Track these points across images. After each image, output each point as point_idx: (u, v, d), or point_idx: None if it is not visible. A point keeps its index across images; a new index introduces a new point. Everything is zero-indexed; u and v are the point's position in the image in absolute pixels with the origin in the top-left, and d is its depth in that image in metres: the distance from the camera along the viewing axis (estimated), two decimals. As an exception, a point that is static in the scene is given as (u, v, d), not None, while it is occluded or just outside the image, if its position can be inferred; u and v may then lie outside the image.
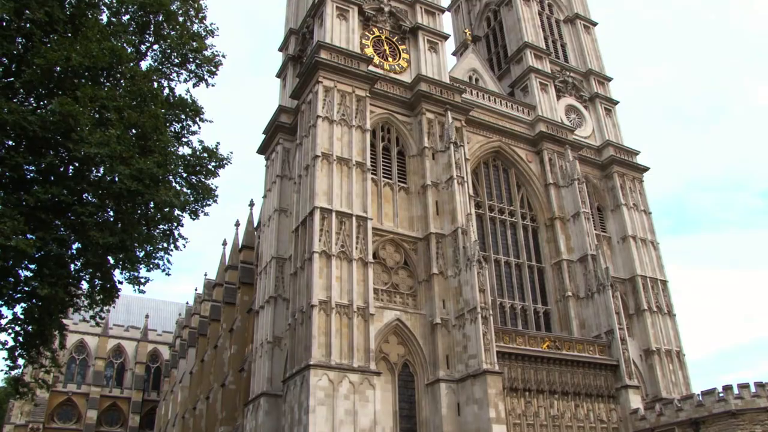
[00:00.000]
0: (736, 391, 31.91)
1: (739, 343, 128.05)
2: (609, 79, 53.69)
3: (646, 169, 49.41)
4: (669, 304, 44.46)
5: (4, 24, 14.46)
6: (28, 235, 13.87)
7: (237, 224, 56.15)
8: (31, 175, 14.86)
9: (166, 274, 17.85)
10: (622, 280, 44.02)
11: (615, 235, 46.35)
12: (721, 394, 32.18)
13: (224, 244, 62.11)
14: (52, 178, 14.87)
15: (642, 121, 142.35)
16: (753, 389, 32.01)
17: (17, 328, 15.57)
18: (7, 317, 15.55)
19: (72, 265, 15.75)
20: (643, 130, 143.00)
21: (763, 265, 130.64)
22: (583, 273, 40.78)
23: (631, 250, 44.96)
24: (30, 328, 15.63)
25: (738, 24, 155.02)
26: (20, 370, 17.75)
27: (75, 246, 15.50)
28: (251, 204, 53.07)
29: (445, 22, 46.95)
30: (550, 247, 42.48)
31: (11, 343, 15.65)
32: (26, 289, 15.01)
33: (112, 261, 16.25)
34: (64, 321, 17.11)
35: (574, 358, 36.58)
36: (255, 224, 50.84)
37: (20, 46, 15.13)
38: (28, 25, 14.89)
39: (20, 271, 14.87)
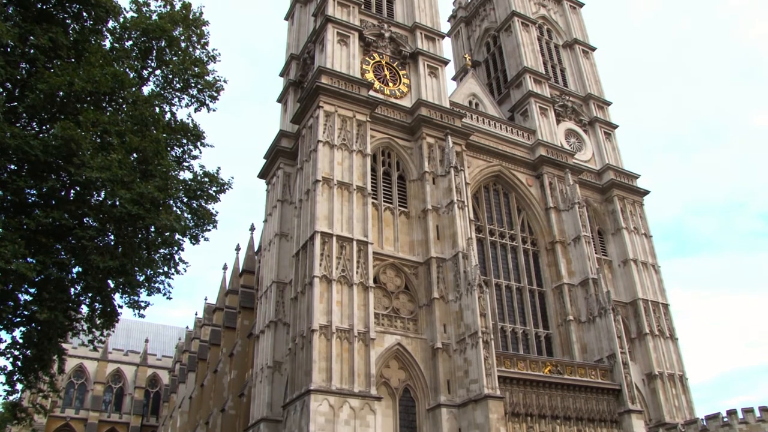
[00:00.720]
0: (740, 415, 31.69)
1: (740, 367, 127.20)
2: (608, 104, 53.97)
3: (646, 192, 49.47)
4: (671, 327, 44.25)
5: (9, 50, 14.60)
6: (29, 259, 13.89)
7: (237, 248, 56.17)
8: (33, 198, 14.91)
9: (167, 298, 17.87)
10: (623, 303, 43.89)
11: (616, 258, 46.29)
12: (725, 419, 31.95)
13: (225, 268, 62.11)
14: (54, 202, 14.92)
15: (640, 145, 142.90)
16: (758, 414, 31.77)
17: (16, 353, 15.52)
18: (6, 342, 15.50)
19: (72, 289, 15.75)
20: (642, 153, 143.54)
21: (764, 288, 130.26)
22: (585, 297, 40.65)
23: (633, 273, 44.86)
24: (29, 352, 15.58)
25: (736, 49, 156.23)
26: (18, 395, 17.67)
27: (75, 270, 15.51)
28: (252, 228, 53.14)
29: (445, 48, 47.38)
30: (551, 271, 42.40)
31: (10, 367, 15.59)
32: (26, 313, 14.99)
33: (112, 285, 16.25)
34: (63, 345, 17.08)
35: (576, 382, 36.32)
36: (255, 248, 50.83)
37: (24, 72, 15.28)
38: (32, 51, 15.05)
39: (20, 295, 14.87)
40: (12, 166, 14.47)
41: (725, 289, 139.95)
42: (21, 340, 15.47)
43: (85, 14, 16.64)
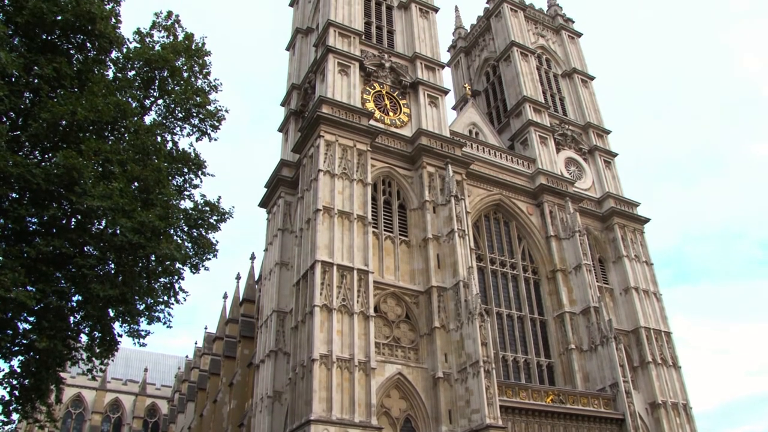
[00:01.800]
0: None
1: (743, 396, 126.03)
2: (607, 132, 54.26)
3: (646, 220, 49.49)
4: (674, 356, 43.94)
5: (13, 79, 14.77)
6: (29, 287, 13.88)
7: (238, 277, 56.06)
8: (34, 227, 14.95)
9: (167, 326, 17.83)
10: (625, 332, 43.64)
11: (617, 286, 46.14)
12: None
13: (225, 297, 61.95)
14: (54, 230, 14.97)
15: (638, 174, 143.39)
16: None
17: (13, 382, 15.42)
18: (3, 371, 15.42)
19: (72, 318, 15.73)
20: (640, 182, 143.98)
21: (764, 316, 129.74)
22: (586, 325, 40.45)
23: (634, 301, 44.67)
24: (26, 381, 15.49)
25: (734, 79, 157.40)
26: (14, 426, 17.52)
27: (75, 298, 15.49)
28: (252, 257, 53.11)
29: (445, 77, 47.76)
30: (552, 300, 42.26)
31: (6, 397, 15.49)
32: (24, 341, 14.95)
33: (112, 313, 16.22)
34: (62, 374, 16.96)
35: (578, 412, 35.98)
36: (256, 277, 50.72)
37: (28, 101, 15.43)
38: (36, 81, 15.22)
39: (19, 324, 14.83)
40: (13, 195, 14.55)
41: (725, 316, 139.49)
42: (19, 369, 15.38)
43: (89, 45, 16.86)
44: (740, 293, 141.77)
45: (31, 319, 14.96)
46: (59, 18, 15.75)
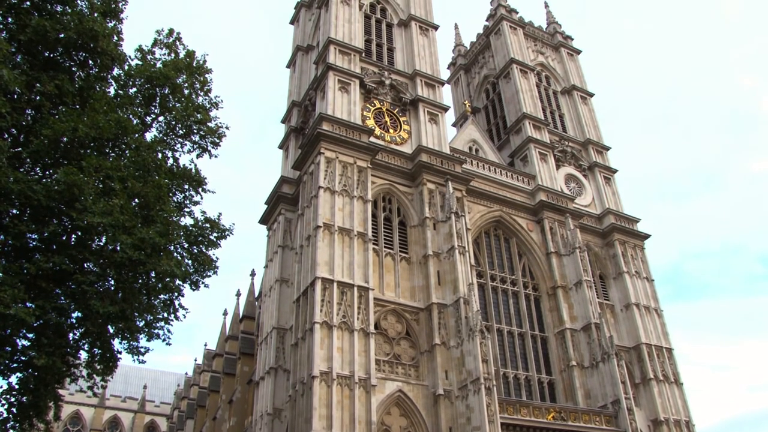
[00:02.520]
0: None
1: (744, 412, 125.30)
2: (607, 149, 54.38)
3: (647, 236, 49.46)
4: (675, 372, 43.71)
5: (16, 96, 14.85)
6: (28, 304, 13.86)
7: (238, 294, 55.97)
8: (34, 243, 14.96)
9: (167, 343, 17.77)
10: (626, 348, 43.45)
11: (618, 302, 46.01)
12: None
13: (225, 314, 61.79)
14: (54, 246, 14.97)
15: (635, 190, 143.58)
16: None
17: (11, 399, 15.35)
18: (1, 388, 15.36)
19: (71, 335, 15.69)
20: (638, 198, 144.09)
21: (765, 332, 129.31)
22: (587, 342, 40.28)
23: (635, 317, 44.51)
24: (24, 399, 15.41)
25: (732, 96, 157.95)
26: (12, 443, 17.41)
27: (75, 315, 15.46)
28: (252, 274, 53.03)
29: (445, 94, 47.95)
30: (552, 316, 42.12)
31: (4, 414, 15.41)
32: (23, 358, 14.89)
33: (111, 330, 16.19)
34: (60, 391, 16.88)
35: (580, 429, 35.74)
36: (256, 294, 50.62)
37: (29, 118, 15.50)
38: (38, 98, 15.31)
39: (18, 340, 14.78)
40: (14, 211, 14.57)
41: (726, 332, 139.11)
42: (17, 387, 15.32)
43: (91, 62, 16.99)
44: (741, 309, 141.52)
45: (30, 335, 14.92)
46: (62, 36, 15.87)
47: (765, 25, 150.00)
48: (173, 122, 18.34)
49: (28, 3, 16.09)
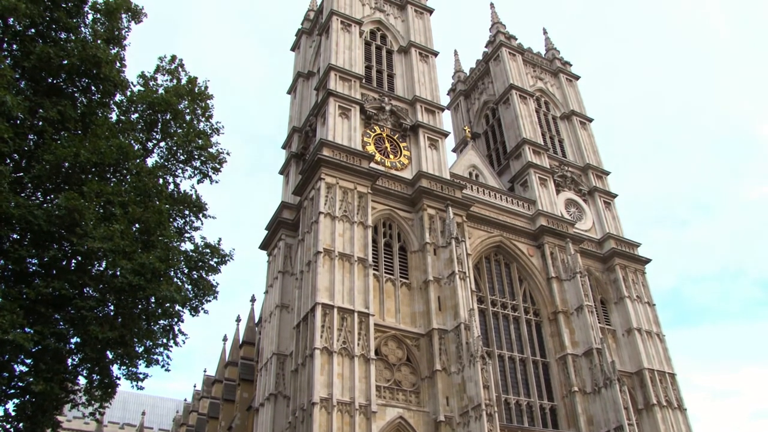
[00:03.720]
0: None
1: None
2: (607, 173, 54.51)
3: (647, 261, 49.37)
4: (679, 398, 43.31)
5: (18, 122, 14.95)
6: (27, 329, 13.82)
7: (238, 320, 55.72)
8: (34, 268, 14.95)
9: (166, 369, 17.69)
10: (629, 373, 43.11)
11: (620, 327, 45.78)
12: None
13: (224, 339, 61.41)
14: (54, 271, 14.96)
15: (633, 215, 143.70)
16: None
17: (8, 426, 15.22)
18: (-2, 414, 15.25)
19: (69, 360, 15.60)
20: (635, 223, 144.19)
21: (766, 357, 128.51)
22: (589, 367, 39.99)
23: (637, 342, 44.24)
24: (22, 425, 15.28)
25: (728, 123, 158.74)
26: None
27: (73, 340, 15.39)
28: (252, 299, 52.91)
29: (445, 120, 48.18)
30: (554, 342, 41.88)
31: (1, 440, 15.28)
32: (20, 384, 14.79)
33: (110, 356, 16.11)
34: (58, 417, 16.74)
35: (583, 457, 35.35)
36: (256, 320, 50.46)
37: (31, 143, 15.60)
38: (40, 123, 15.41)
39: (16, 366, 14.71)
40: (14, 236, 14.59)
41: (728, 358, 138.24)
42: (14, 413, 15.20)
43: (93, 88, 17.13)
44: (742, 334, 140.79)
45: (28, 361, 14.85)
46: (65, 62, 16.03)
47: (759, 53, 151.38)
48: (174, 148, 18.45)
49: (32, 30, 16.28)
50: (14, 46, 16.13)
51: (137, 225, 15.83)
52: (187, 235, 18.49)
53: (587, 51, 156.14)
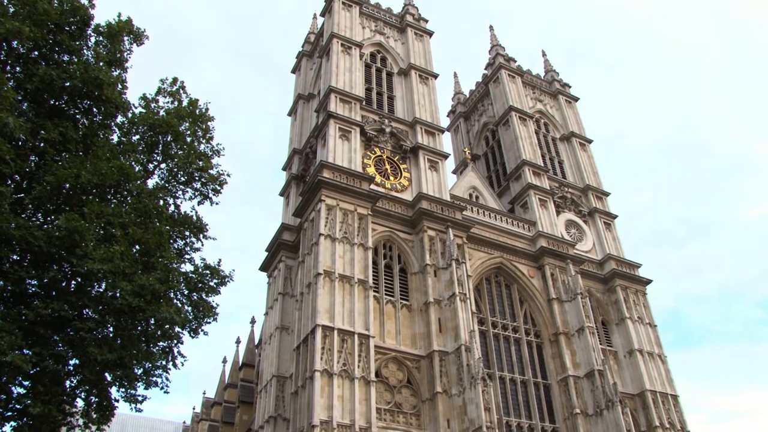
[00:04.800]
0: None
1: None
2: (606, 194, 54.58)
3: (648, 281, 49.25)
4: (682, 420, 42.93)
5: (20, 143, 15.02)
6: (25, 351, 13.75)
7: (238, 341, 55.56)
8: (33, 289, 14.92)
9: (165, 392, 17.57)
10: (631, 395, 42.79)
11: (621, 349, 45.53)
12: None
13: (224, 361, 61.11)
14: (54, 292, 14.93)
15: (632, 236, 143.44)
16: None
17: (4, 450, 15.12)
18: (-6, 438, 15.14)
19: (68, 382, 15.51)
20: (635, 244, 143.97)
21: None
22: (591, 389, 39.72)
23: (639, 364, 43.98)
24: (18, 449, 15.17)
25: (724, 143, 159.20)
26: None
27: (72, 362, 15.31)
28: (252, 321, 52.83)
29: (445, 142, 48.36)
30: (555, 363, 41.64)
31: (-2, 465, 15.15)
32: (18, 407, 14.68)
33: (109, 378, 16.01)
34: (56, 440, 16.60)
35: (585, 481, 35.00)
36: (256, 342, 50.27)
37: (33, 164, 15.65)
38: (42, 144, 15.48)
39: (13, 388, 14.62)
40: (14, 257, 14.58)
41: (730, 380, 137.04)
42: (11, 436, 15.10)
43: (95, 110, 17.24)
44: (745, 355, 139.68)
45: (26, 383, 14.76)
46: (67, 84, 16.14)
47: (753, 77, 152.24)
48: (175, 169, 18.51)
49: (36, 53, 16.42)
50: (17, 68, 16.26)
51: (137, 246, 15.83)
52: (187, 256, 18.49)
53: (585, 71, 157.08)
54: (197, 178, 18.98)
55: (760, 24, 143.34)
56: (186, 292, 17.66)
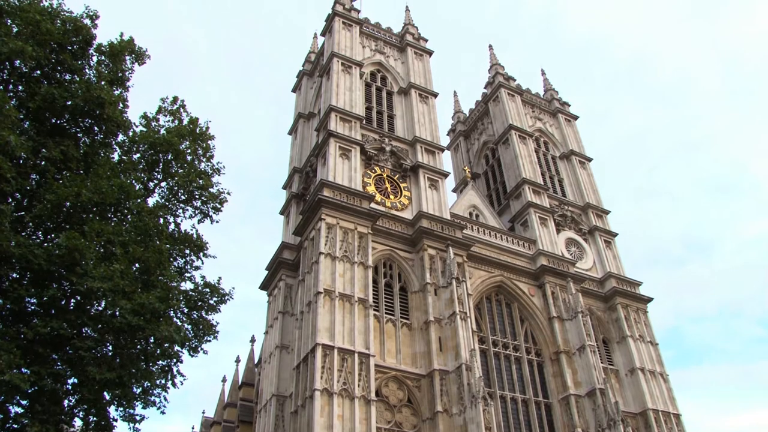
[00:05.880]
0: None
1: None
2: (607, 212, 54.60)
3: (649, 299, 49.11)
4: (685, 440, 42.64)
5: (21, 161, 15.07)
6: (24, 370, 13.69)
7: (237, 360, 55.23)
8: (32, 307, 14.89)
9: (161, 412, 17.45)
10: (632, 414, 42.48)
11: (622, 367, 45.29)
12: None
13: (224, 380, 60.68)
14: (53, 311, 14.89)
15: (631, 254, 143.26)
16: None
17: (2, 470, 14.98)
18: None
19: (66, 401, 15.41)
20: (634, 262, 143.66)
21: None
22: (592, 408, 39.45)
23: (640, 382, 43.72)
24: (16, 469, 15.04)
25: (720, 163, 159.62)
26: None
27: (71, 381, 15.23)
28: (252, 340, 52.55)
29: (445, 160, 48.46)
30: (556, 382, 41.41)
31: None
32: (15, 426, 14.58)
33: (108, 397, 15.91)
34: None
35: (588, 502, 34.67)
36: (256, 361, 50.01)
37: (34, 182, 15.69)
38: (43, 162, 15.53)
39: (11, 407, 14.52)
40: (14, 275, 14.56)
41: (733, 398, 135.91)
42: (7, 456, 14.98)
43: (96, 128, 17.31)
44: (747, 373, 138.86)
45: (24, 402, 14.67)
46: (69, 103, 16.22)
47: (748, 95, 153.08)
48: (175, 188, 18.55)
49: (38, 72, 16.53)
50: (20, 87, 16.36)
51: (137, 265, 15.82)
52: (187, 274, 18.46)
53: (583, 91, 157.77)
54: (197, 197, 19.01)
55: (754, 43, 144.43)
56: (186, 310, 17.62)
